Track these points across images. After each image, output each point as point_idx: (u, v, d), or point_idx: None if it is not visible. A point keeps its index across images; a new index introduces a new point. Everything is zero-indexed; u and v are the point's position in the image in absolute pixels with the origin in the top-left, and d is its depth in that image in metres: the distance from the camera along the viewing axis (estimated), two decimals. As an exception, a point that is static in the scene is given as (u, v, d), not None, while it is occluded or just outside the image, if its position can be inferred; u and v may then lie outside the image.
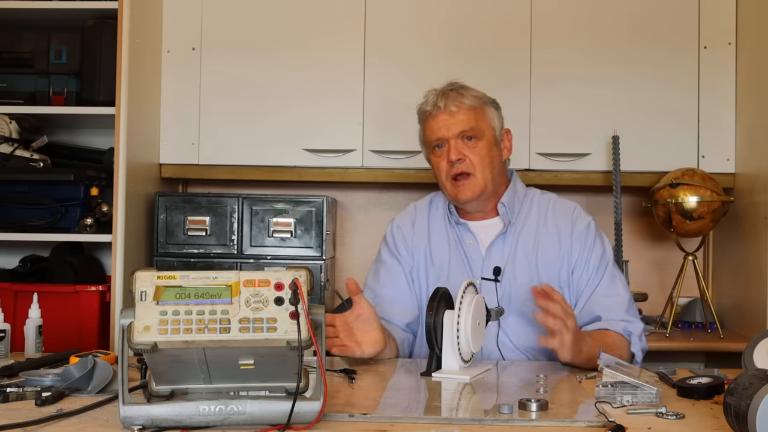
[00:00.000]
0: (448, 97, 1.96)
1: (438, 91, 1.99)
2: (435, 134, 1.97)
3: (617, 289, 1.95)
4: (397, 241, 2.08)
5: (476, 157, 1.95)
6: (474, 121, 1.96)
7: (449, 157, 1.94)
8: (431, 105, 1.98)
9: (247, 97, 2.90)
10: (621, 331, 1.87)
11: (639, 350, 1.88)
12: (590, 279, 1.95)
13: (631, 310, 1.93)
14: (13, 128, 2.72)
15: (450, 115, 1.95)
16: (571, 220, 2.01)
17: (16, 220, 2.62)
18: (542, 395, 1.44)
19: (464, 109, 1.95)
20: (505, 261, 1.97)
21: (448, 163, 1.95)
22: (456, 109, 1.95)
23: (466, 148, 1.95)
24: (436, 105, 1.96)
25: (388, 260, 2.06)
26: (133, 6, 2.60)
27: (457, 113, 1.95)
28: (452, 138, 1.95)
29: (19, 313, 2.31)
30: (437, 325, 1.70)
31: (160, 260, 2.78)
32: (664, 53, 2.85)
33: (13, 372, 1.61)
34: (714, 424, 1.29)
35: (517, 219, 2.02)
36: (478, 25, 2.87)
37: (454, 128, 1.95)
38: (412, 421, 1.28)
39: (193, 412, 1.20)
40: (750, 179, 2.71)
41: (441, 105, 1.95)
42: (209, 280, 1.20)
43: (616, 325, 1.88)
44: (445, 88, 1.99)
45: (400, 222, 2.11)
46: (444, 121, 1.95)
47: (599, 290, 1.94)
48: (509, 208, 2.01)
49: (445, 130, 1.95)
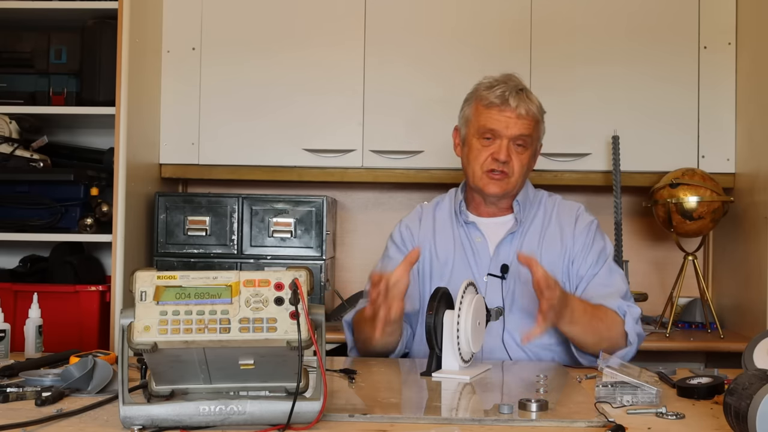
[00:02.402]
0: (520, 97, 1.95)
1: (508, 86, 1.96)
2: (494, 127, 1.96)
3: (615, 281, 1.97)
4: (405, 238, 2.10)
5: (519, 164, 1.97)
6: (531, 131, 1.97)
7: (498, 155, 1.95)
8: (500, 97, 1.95)
9: (247, 97, 2.90)
10: (616, 308, 1.88)
11: (634, 333, 1.88)
12: (589, 269, 1.98)
13: (627, 298, 1.95)
14: (13, 128, 2.72)
15: (517, 117, 1.94)
16: (574, 218, 2.04)
17: (16, 220, 2.62)
18: (542, 395, 1.44)
19: (530, 117, 1.96)
20: (512, 259, 1.98)
21: (491, 157, 1.96)
22: (524, 113, 1.94)
23: (515, 152, 1.96)
24: (506, 100, 1.94)
25: (397, 257, 2.07)
26: (133, 6, 2.60)
27: (524, 117, 1.95)
28: (507, 138, 1.95)
29: (19, 313, 2.31)
30: (437, 325, 1.70)
31: (160, 260, 2.78)
32: (664, 53, 2.84)
33: (13, 372, 1.61)
34: (714, 424, 1.29)
35: (525, 218, 2.04)
36: (478, 24, 2.87)
37: (514, 130, 1.95)
38: (412, 421, 1.28)
39: (193, 412, 1.20)
40: (750, 179, 2.71)
41: (513, 103, 1.94)
42: (209, 280, 1.20)
43: (611, 303, 1.89)
44: (516, 86, 1.97)
45: (408, 222, 2.14)
46: (508, 119, 1.95)
47: (597, 279, 1.96)
48: (523, 207, 2.04)
49: (505, 129, 1.95)
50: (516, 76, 2.02)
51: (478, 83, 2.03)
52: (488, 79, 2.01)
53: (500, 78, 2.00)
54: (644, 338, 1.94)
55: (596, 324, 1.84)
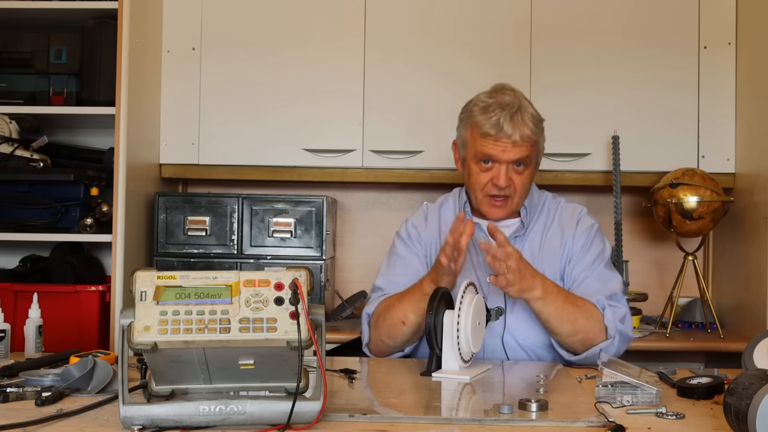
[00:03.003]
0: (515, 122, 1.92)
1: (504, 112, 1.92)
2: (490, 153, 1.95)
3: (608, 283, 1.95)
4: (411, 236, 2.10)
5: (520, 183, 1.97)
6: (529, 152, 1.96)
7: (497, 180, 1.95)
8: (495, 126, 1.92)
9: (247, 97, 2.90)
10: (595, 302, 1.87)
11: (614, 328, 1.85)
12: (582, 271, 1.97)
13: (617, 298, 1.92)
14: (13, 128, 2.72)
15: (513, 144, 1.93)
16: (576, 220, 2.04)
17: (16, 220, 2.62)
18: (542, 395, 1.44)
19: (526, 140, 1.94)
20: None
21: (491, 183, 1.96)
22: (519, 139, 1.92)
23: (514, 173, 1.96)
24: (501, 128, 1.91)
25: (405, 254, 2.08)
26: (133, 6, 2.60)
27: (520, 143, 1.93)
28: (505, 163, 1.95)
29: (19, 313, 2.31)
30: (437, 325, 1.70)
31: (160, 260, 2.78)
32: (664, 53, 2.84)
33: (13, 372, 1.61)
34: (714, 424, 1.29)
35: (530, 221, 2.05)
36: (478, 25, 2.87)
37: (512, 156, 1.94)
38: (412, 421, 1.28)
39: (193, 412, 1.20)
40: (750, 179, 2.71)
41: (508, 131, 1.91)
42: (209, 280, 1.20)
43: (591, 298, 1.88)
44: (510, 109, 1.92)
45: (415, 221, 2.14)
46: (504, 146, 1.93)
47: (588, 281, 1.95)
48: (528, 211, 2.04)
49: (503, 155, 1.94)
50: (510, 90, 1.98)
51: (473, 103, 2.00)
52: (483, 98, 1.97)
53: (494, 99, 1.95)
54: (631, 341, 1.92)
55: (571, 309, 1.83)
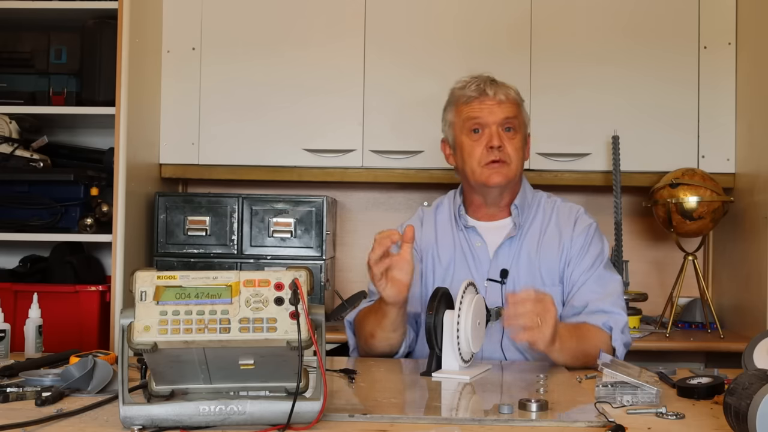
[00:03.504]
0: (496, 85, 1.98)
1: (482, 78, 1.99)
2: (477, 118, 1.97)
3: (607, 286, 1.94)
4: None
5: (513, 149, 1.97)
6: (516, 113, 1.98)
7: (491, 142, 1.95)
8: (477, 90, 1.97)
9: (247, 97, 2.90)
10: (601, 325, 1.86)
11: (621, 344, 1.86)
12: (583, 273, 1.96)
13: (617, 303, 1.92)
14: (13, 128, 2.72)
15: (497, 103, 1.96)
16: (573, 220, 2.02)
17: (16, 220, 2.62)
18: (542, 395, 1.44)
19: (510, 100, 1.98)
20: (511, 263, 1.98)
21: (486, 148, 1.96)
22: (504, 98, 1.97)
23: (506, 137, 1.97)
24: (483, 91, 1.96)
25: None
26: (133, 6, 2.60)
27: (505, 102, 1.97)
28: (494, 125, 1.96)
29: (19, 313, 2.31)
30: (437, 325, 1.70)
31: (160, 260, 2.78)
32: (664, 53, 2.85)
33: (13, 372, 1.61)
34: (714, 424, 1.29)
35: (524, 221, 2.03)
36: (478, 25, 2.87)
37: (499, 115, 1.96)
38: (412, 421, 1.28)
39: (193, 412, 1.20)
40: (750, 179, 2.71)
41: (490, 92, 1.96)
42: (209, 280, 1.20)
43: (596, 319, 1.87)
44: (488, 78, 2.00)
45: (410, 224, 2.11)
46: (490, 107, 1.96)
47: (588, 285, 1.94)
48: (521, 210, 2.03)
49: (490, 116, 1.96)
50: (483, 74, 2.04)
51: (452, 88, 2.05)
52: (460, 81, 2.04)
53: (471, 77, 2.02)
54: (631, 345, 1.92)
55: (584, 347, 1.80)
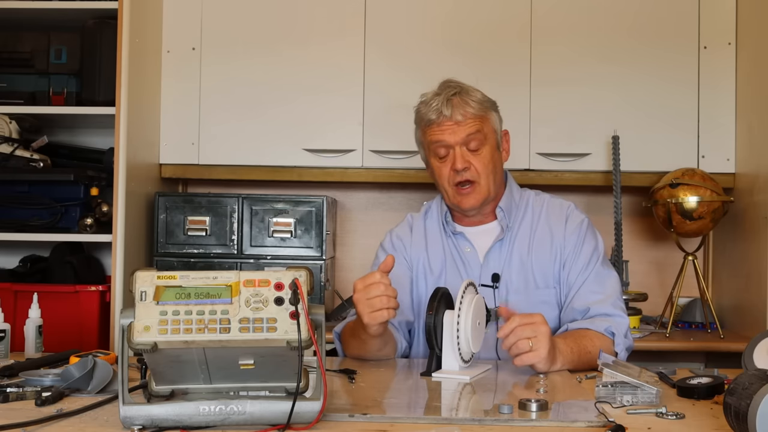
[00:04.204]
0: (453, 104, 1.92)
1: (441, 97, 1.93)
2: (440, 141, 1.93)
3: (605, 285, 1.93)
4: (396, 248, 2.06)
5: (480, 165, 1.94)
6: (479, 129, 1.93)
7: (455, 165, 1.92)
8: (435, 112, 1.92)
9: (247, 96, 2.90)
10: (603, 331, 1.84)
11: (623, 349, 1.86)
12: (579, 274, 1.94)
13: (617, 305, 1.91)
14: (13, 128, 2.72)
15: (456, 124, 1.92)
16: (564, 218, 2.00)
17: (16, 220, 2.62)
18: (542, 395, 1.44)
19: (470, 118, 1.92)
20: (502, 266, 1.97)
21: (452, 170, 1.94)
22: (462, 118, 1.91)
23: (471, 155, 1.93)
24: (441, 113, 1.92)
25: None
26: (133, 6, 2.60)
27: (463, 122, 1.92)
28: (457, 145, 1.93)
29: (19, 313, 2.31)
30: (437, 325, 1.70)
31: (160, 260, 2.78)
32: (664, 53, 2.84)
33: (13, 372, 1.61)
34: (714, 424, 1.29)
35: (513, 223, 2.01)
36: (478, 24, 2.87)
37: (460, 135, 1.92)
38: (412, 421, 1.28)
39: (193, 412, 1.20)
40: (750, 179, 2.71)
41: (447, 113, 1.91)
42: (209, 280, 1.20)
43: (599, 324, 1.85)
44: (448, 93, 1.94)
45: (399, 232, 2.10)
46: (449, 128, 1.92)
47: (587, 286, 1.93)
48: (507, 213, 2.00)
49: (451, 138, 1.92)
50: (453, 81, 1.98)
51: (418, 103, 2.00)
52: (425, 96, 1.98)
53: (436, 90, 1.97)
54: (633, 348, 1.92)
55: (586, 357, 1.78)
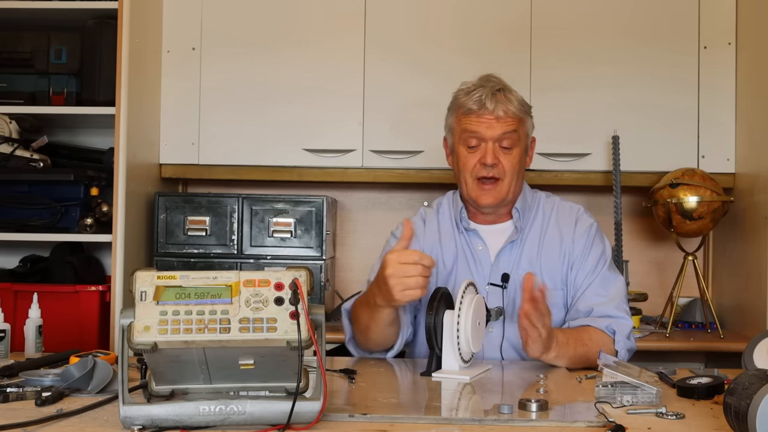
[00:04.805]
0: (497, 99, 1.92)
1: (485, 89, 1.93)
2: (475, 132, 1.93)
3: (610, 288, 1.94)
4: None
5: (509, 164, 1.94)
6: (515, 129, 1.94)
7: (484, 159, 1.92)
8: (477, 103, 1.92)
9: (247, 97, 2.90)
10: (604, 328, 1.85)
11: (624, 349, 1.86)
12: (586, 277, 1.95)
13: (621, 307, 1.92)
14: (13, 128, 2.72)
15: (496, 119, 1.92)
16: (573, 221, 2.01)
17: (16, 220, 2.62)
18: (542, 395, 1.44)
19: (510, 116, 1.93)
20: (512, 267, 1.97)
21: (479, 163, 1.94)
22: (503, 114, 1.92)
23: (502, 153, 1.94)
24: (483, 104, 1.92)
25: None
26: (133, 6, 2.60)
27: (504, 118, 1.92)
28: (491, 140, 1.93)
29: (19, 313, 2.31)
30: (437, 325, 1.70)
31: (160, 260, 2.78)
32: (664, 53, 2.84)
33: (13, 372, 1.61)
34: (714, 424, 1.29)
35: (524, 224, 2.02)
36: (478, 24, 2.87)
37: (497, 131, 1.92)
38: (412, 421, 1.28)
39: (193, 412, 1.20)
40: (750, 179, 2.71)
41: (490, 106, 1.91)
42: (209, 280, 1.20)
43: (600, 322, 1.86)
44: (492, 87, 1.94)
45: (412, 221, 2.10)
46: (488, 122, 1.92)
47: (592, 289, 1.93)
48: (522, 214, 2.01)
49: (487, 131, 1.92)
50: (495, 76, 1.99)
51: (458, 90, 2.01)
52: (466, 84, 1.99)
53: (478, 81, 1.97)
54: (635, 351, 1.91)
55: (584, 350, 1.79)
